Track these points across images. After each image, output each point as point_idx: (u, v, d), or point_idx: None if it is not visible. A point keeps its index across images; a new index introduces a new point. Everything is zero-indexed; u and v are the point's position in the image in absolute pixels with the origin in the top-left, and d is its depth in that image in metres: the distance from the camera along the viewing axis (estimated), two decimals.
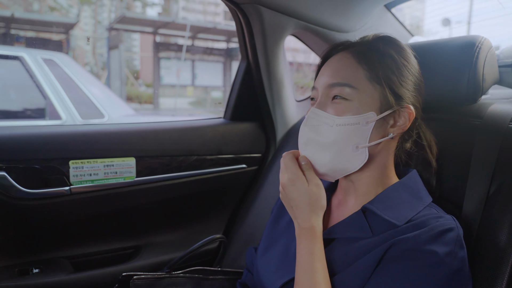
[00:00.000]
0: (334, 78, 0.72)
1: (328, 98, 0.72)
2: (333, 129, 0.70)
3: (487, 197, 0.76)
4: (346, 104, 0.70)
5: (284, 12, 1.29)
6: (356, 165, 0.72)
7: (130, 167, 1.25)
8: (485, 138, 0.81)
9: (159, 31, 9.09)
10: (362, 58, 0.72)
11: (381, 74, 0.71)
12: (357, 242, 0.69)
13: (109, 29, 9.56)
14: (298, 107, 1.59)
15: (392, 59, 0.73)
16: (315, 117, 0.72)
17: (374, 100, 0.70)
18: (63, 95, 2.81)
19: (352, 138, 0.70)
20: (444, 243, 0.61)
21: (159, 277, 0.97)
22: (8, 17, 6.10)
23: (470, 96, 0.86)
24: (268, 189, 1.40)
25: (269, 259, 0.83)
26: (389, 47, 0.74)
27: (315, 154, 0.73)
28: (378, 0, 1.32)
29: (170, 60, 8.97)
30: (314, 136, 0.72)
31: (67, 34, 7.73)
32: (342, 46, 0.78)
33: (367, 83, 0.71)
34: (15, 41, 5.92)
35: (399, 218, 0.68)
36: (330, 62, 0.76)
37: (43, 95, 2.78)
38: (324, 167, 0.73)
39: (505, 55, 1.03)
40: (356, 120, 0.69)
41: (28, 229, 1.18)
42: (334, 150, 0.71)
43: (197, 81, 9.14)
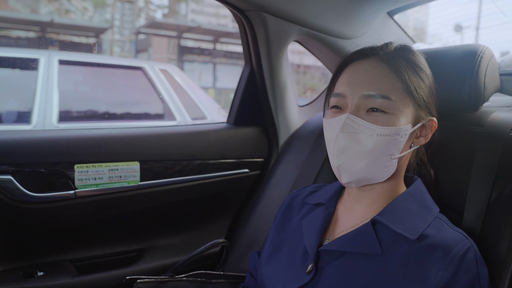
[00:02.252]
0: (371, 89, 0.69)
1: (363, 108, 0.70)
2: (372, 139, 0.68)
3: (488, 205, 0.77)
4: (386, 117, 0.69)
5: (288, 19, 1.30)
6: (384, 176, 0.72)
7: (134, 171, 1.26)
8: (486, 146, 0.81)
9: (183, 35, 9.22)
10: (395, 68, 0.71)
11: (415, 86, 0.71)
12: (370, 261, 0.67)
13: (136, 33, 9.75)
14: (300, 112, 1.60)
15: (420, 70, 0.73)
16: (353, 124, 0.69)
17: (410, 113, 0.71)
18: (176, 100, 3.15)
19: (389, 148, 0.70)
20: (468, 269, 0.62)
21: (162, 280, 0.98)
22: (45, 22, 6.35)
23: (471, 104, 0.87)
24: (271, 193, 1.40)
25: (275, 266, 0.82)
26: (414, 57, 0.74)
27: (349, 161, 0.70)
28: (380, 8, 1.33)
29: (193, 63, 9.08)
30: (350, 145, 0.69)
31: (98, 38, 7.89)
32: (367, 52, 0.75)
33: (403, 95, 0.70)
34: (50, 44, 6.10)
35: (411, 231, 0.67)
36: (360, 69, 0.73)
37: (162, 100, 3.16)
38: (354, 175, 0.71)
39: (506, 63, 1.04)
40: (396, 132, 0.69)
41: (33, 232, 1.19)
42: (370, 159, 0.69)
43: (218, 83, 9.24)
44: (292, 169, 1.34)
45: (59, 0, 12.30)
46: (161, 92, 3.13)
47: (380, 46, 0.76)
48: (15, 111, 2.69)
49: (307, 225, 0.82)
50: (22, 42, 6.22)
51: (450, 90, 0.88)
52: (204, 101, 3.43)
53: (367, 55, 0.74)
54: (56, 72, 2.69)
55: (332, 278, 0.69)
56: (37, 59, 2.69)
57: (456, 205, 0.83)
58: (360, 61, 0.74)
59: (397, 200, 0.73)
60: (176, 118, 3.08)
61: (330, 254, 0.72)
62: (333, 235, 0.78)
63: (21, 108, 2.68)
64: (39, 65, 2.67)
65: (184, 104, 3.16)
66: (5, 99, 2.75)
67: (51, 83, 2.64)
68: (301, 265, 0.76)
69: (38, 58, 2.69)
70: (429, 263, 0.62)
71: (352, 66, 0.75)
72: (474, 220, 0.78)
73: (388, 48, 0.75)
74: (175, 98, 3.15)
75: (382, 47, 0.75)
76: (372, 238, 0.69)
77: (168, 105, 3.12)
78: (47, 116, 2.52)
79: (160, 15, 18.13)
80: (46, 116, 2.51)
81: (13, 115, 2.67)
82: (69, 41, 7.72)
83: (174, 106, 3.12)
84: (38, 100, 2.56)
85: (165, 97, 3.13)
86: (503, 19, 1.40)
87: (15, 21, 6.27)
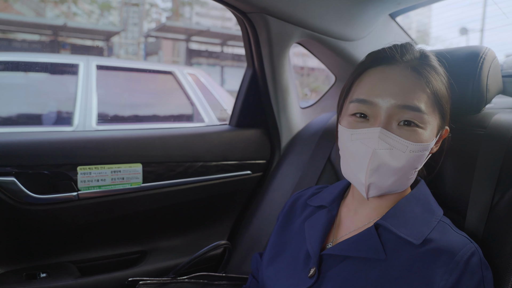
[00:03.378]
0: (405, 100, 0.66)
1: (395, 120, 0.67)
2: (405, 155, 0.66)
3: (491, 206, 0.76)
4: (419, 132, 0.66)
5: (290, 21, 1.31)
6: (405, 187, 0.71)
7: (137, 173, 1.26)
8: (489, 148, 0.81)
9: (192, 38, 9.30)
10: (426, 79, 0.68)
11: (441, 98, 0.70)
12: (373, 265, 0.66)
13: (146, 36, 9.89)
14: (302, 114, 1.60)
15: (442, 77, 0.72)
16: (387, 140, 0.65)
17: (436, 125, 0.70)
18: (204, 102, 3.30)
19: (417, 163, 0.68)
20: (472, 273, 0.61)
21: (164, 282, 0.98)
22: (58, 26, 6.52)
23: (474, 106, 0.87)
24: (273, 195, 1.40)
25: (277, 269, 0.81)
26: (436, 64, 0.72)
27: (381, 179, 0.67)
28: (382, 9, 1.33)
29: (201, 66, 9.16)
30: (385, 161, 0.66)
31: (109, 42, 8.02)
32: (393, 56, 0.70)
33: (432, 107, 0.68)
34: (61, 47, 6.22)
35: (415, 236, 0.66)
36: (391, 76, 0.68)
37: (191, 102, 3.30)
38: (382, 190, 0.69)
39: (508, 65, 1.04)
40: (426, 147, 0.68)
41: (36, 233, 1.19)
42: (399, 175, 0.67)
43: (226, 85, 9.29)
44: (294, 171, 1.34)
45: (67, 3, 12.46)
46: (190, 95, 3.28)
47: (404, 51, 0.71)
48: (57, 113, 2.83)
49: (309, 228, 0.81)
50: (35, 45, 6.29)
51: (453, 92, 0.87)
52: (229, 103, 3.54)
53: (395, 60, 0.70)
54: (95, 76, 2.82)
55: (335, 283, 0.69)
56: (77, 64, 2.82)
57: (459, 207, 0.83)
58: (388, 66, 0.69)
59: (401, 203, 0.72)
60: (204, 120, 3.22)
61: (333, 258, 0.72)
62: (336, 239, 0.77)
63: (63, 110, 2.82)
64: (79, 70, 2.80)
65: (212, 106, 3.30)
66: (49, 102, 2.88)
67: (90, 87, 2.77)
68: (303, 268, 0.75)
69: (78, 63, 2.82)
70: (434, 267, 0.62)
71: (378, 71, 0.70)
72: (476, 222, 0.77)
73: (414, 53, 0.71)
74: (203, 100, 3.29)
75: (408, 51, 0.71)
76: (376, 243, 0.68)
77: (196, 107, 3.26)
78: (87, 118, 2.65)
79: (164, 18, 18.26)
80: (86, 118, 2.64)
81: (56, 118, 2.81)
82: (80, 45, 7.86)
83: (202, 108, 3.26)
84: (79, 103, 2.68)
85: (194, 99, 3.27)
86: (507, 21, 1.39)
87: (28, 25, 6.40)
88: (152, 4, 18.72)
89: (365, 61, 0.74)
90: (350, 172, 0.72)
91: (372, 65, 0.72)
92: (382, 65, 0.70)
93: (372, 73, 0.71)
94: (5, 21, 6.71)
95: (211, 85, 3.52)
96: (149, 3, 17.69)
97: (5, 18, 7.33)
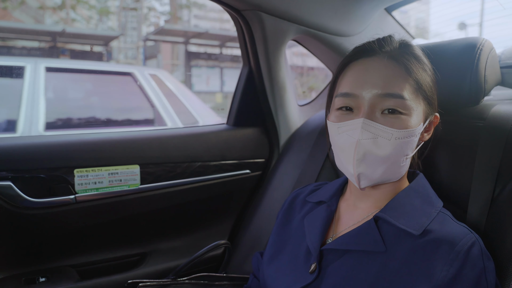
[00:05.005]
0: (385, 88, 0.67)
1: (378, 109, 0.68)
2: (391, 143, 0.66)
3: (492, 199, 0.76)
4: (402, 118, 0.67)
5: (285, 17, 1.30)
6: (399, 175, 0.72)
7: (135, 174, 1.25)
8: (489, 140, 0.80)
9: (191, 40, 9.36)
10: (406, 66, 0.69)
11: (423, 83, 0.70)
12: (373, 258, 0.66)
13: (144, 39, 9.98)
14: (300, 111, 1.59)
15: (426, 65, 0.72)
16: (371, 130, 0.66)
17: (421, 111, 0.70)
18: (167, 105, 3.11)
19: (405, 149, 0.69)
20: (473, 264, 0.61)
21: (164, 284, 0.97)
22: (56, 32, 6.56)
23: (472, 98, 0.86)
24: (272, 193, 1.40)
25: (277, 266, 0.81)
26: (419, 53, 0.73)
27: (369, 168, 0.68)
28: (378, 4, 1.32)
29: (201, 68, 9.23)
30: (371, 151, 0.67)
31: (108, 46, 8.08)
32: (372, 49, 0.72)
33: (415, 94, 0.69)
34: (61, 53, 6.25)
35: (415, 227, 0.65)
36: (370, 67, 0.70)
37: (152, 105, 3.12)
38: (373, 180, 0.70)
39: (506, 56, 1.03)
40: (412, 133, 0.68)
41: (34, 238, 1.19)
42: (389, 163, 0.68)
43: (225, 87, 9.35)
44: (294, 169, 1.34)
45: (65, 9, 12.54)
46: (150, 97, 3.09)
47: (384, 42, 0.72)
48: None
49: (309, 224, 0.81)
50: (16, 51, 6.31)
51: (451, 84, 0.87)
52: (197, 106, 3.38)
53: (374, 52, 0.71)
54: (43, 79, 2.66)
55: (336, 277, 0.68)
56: (23, 67, 2.66)
57: (460, 200, 0.82)
58: (368, 59, 0.71)
59: (400, 196, 0.72)
60: (166, 124, 3.05)
61: (333, 253, 0.71)
62: (336, 234, 0.77)
63: (6, 116, 2.63)
64: (25, 72, 2.64)
65: (175, 109, 3.13)
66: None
67: (37, 91, 2.61)
68: (304, 264, 0.75)
69: (24, 65, 2.66)
70: (434, 258, 0.61)
71: (359, 64, 0.72)
72: (478, 215, 0.76)
73: (393, 43, 0.72)
74: (165, 103, 3.11)
75: (387, 42, 0.72)
76: (375, 236, 0.68)
77: (158, 111, 3.09)
78: (33, 124, 2.48)
79: (162, 22, 18.35)
80: (32, 124, 2.48)
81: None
82: (79, 50, 7.92)
83: (165, 112, 3.08)
84: (24, 108, 2.53)
85: (155, 102, 3.09)
86: (505, 13, 1.38)
87: (27, 32, 6.44)
88: (150, 8, 18.80)
89: (347, 56, 0.75)
90: (342, 165, 0.73)
91: (353, 58, 0.73)
92: (363, 57, 0.72)
93: (353, 66, 0.72)
94: (5, 29, 6.76)
95: (175, 87, 3.34)
96: (147, 7, 17.76)
97: (4, 26, 7.38)
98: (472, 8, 2.80)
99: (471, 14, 2.79)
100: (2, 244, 1.16)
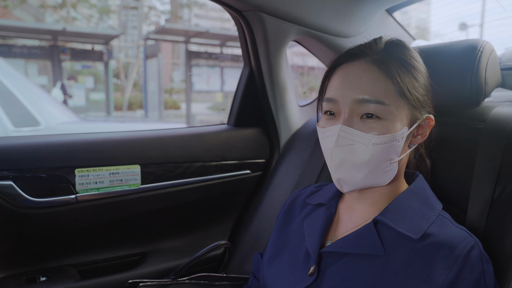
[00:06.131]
0: (363, 93, 0.66)
1: (356, 114, 0.67)
2: (368, 149, 0.66)
3: (492, 201, 0.76)
4: (381, 123, 0.66)
5: (286, 18, 1.30)
6: (386, 180, 0.71)
7: (135, 174, 1.26)
8: (489, 141, 0.80)
9: (191, 40, 9.35)
10: (387, 70, 0.68)
11: (408, 87, 0.68)
12: (372, 261, 0.66)
13: (145, 38, 10.00)
14: (301, 112, 1.59)
15: (414, 68, 0.70)
16: (347, 136, 0.67)
17: (404, 115, 0.69)
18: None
19: (387, 155, 0.68)
20: (472, 267, 0.61)
21: (165, 283, 0.97)
22: (57, 31, 6.55)
23: (472, 99, 0.86)
24: (273, 194, 1.40)
25: (277, 268, 0.81)
26: (406, 54, 0.71)
27: (349, 174, 0.69)
28: (379, 5, 1.32)
29: (201, 67, 9.23)
30: (348, 157, 0.67)
31: (108, 45, 8.09)
32: (357, 53, 0.72)
33: (397, 98, 0.68)
34: (61, 52, 6.24)
35: (414, 231, 0.65)
36: (351, 72, 0.70)
37: None
38: (355, 185, 0.70)
39: (507, 58, 1.03)
40: (392, 138, 0.67)
41: (35, 237, 1.19)
42: (369, 169, 0.68)
43: (226, 87, 9.35)
44: (294, 169, 1.34)
45: (66, 8, 12.53)
46: None
47: (370, 45, 0.72)
48: None
49: (308, 227, 0.81)
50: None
51: (451, 86, 0.87)
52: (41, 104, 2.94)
53: (356, 57, 0.71)
54: None
55: (335, 280, 0.68)
56: None
57: (460, 202, 0.82)
58: (350, 63, 0.71)
59: (399, 199, 0.72)
60: None
61: (332, 255, 0.72)
62: (335, 236, 0.77)
63: None
64: None
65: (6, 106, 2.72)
66: None
67: None
68: (303, 267, 0.75)
69: None
70: (433, 262, 0.61)
71: (342, 69, 0.71)
72: (478, 216, 0.77)
73: (378, 46, 0.71)
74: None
75: (372, 46, 0.71)
76: (375, 239, 0.68)
77: None
78: None
79: (163, 21, 18.32)
80: None
81: None
82: (80, 49, 7.91)
83: None
84: None
85: None
86: (508, 18, 1.38)
87: (28, 31, 6.41)
88: (151, 7, 18.80)
89: (334, 59, 0.75)
90: (330, 170, 0.73)
91: (338, 63, 0.73)
92: (347, 62, 0.72)
93: (338, 70, 0.72)
94: (5, 27, 6.76)
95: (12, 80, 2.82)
96: (148, 6, 17.76)
97: (5, 24, 7.37)
98: (473, 9, 2.81)
99: (472, 15, 2.80)
100: (3, 243, 1.16)
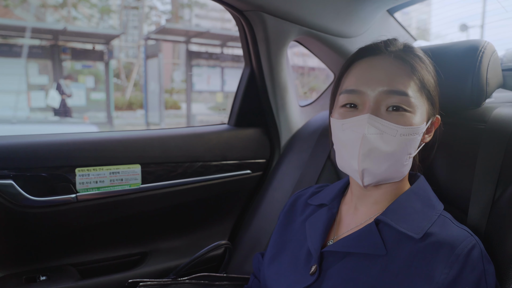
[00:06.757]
0: (390, 85, 0.68)
1: (383, 106, 0.69)
2: (396, 139, 0.67)
3: (493, 202, 0.76)
4: (407, 116, 0.68)
5: (287, 18, 1.30)
6: (401, 175, 0.72)
7: (136, 174, 1.26)
8: (490, 142, 0.80)
9: (192, 40, 9.37)
10: (411, 66, 0.70)
11: (428, 84, 0.71)
12: (374, 261, 0.67)
13: (146, 38, 10.02)
14: (302, 112, 1.59)
15: (429, 67, 0.74)
16: (376, 125, 0.67)
17: (424, 110, 0.71)
18: None
19: (409, 147, 0.69)
20: (473, 266, 0.61)
21: (165, 283, 0.98)
22: (58, 30, 6.56)
23: (474, 100, 0.86)
24: (273, 194, 1.40)
25: (278, 267, 0.82)
26: (422, 54, 0.74)
27: (374, 164, 0.68)
28: (380, 5, 1.32)
29: (201, 67, 9.26)
30: (377, 146, 0.67)
31: (109, 45, 8.11)
32: (379, 48, 0.73)
33: (420, 94, 0.70)
34: (62, 52, 6.24)
35: (416, 230, 0.66)
36: (376, 65, 0.71)
37: None
38: (377, 176, 0.70)
39: (508, 58, 1.03)
40: (416, 131, 0.69)
41: (35, 236, 1.19)
42: (393, 160, 0.69)
43: (226, 87, 9.37)
44: (295, 170, 1.34)
45: (66, 7, 12.54)
46: None
47: (390, 43, 0.74)
48: None
49: (310, 227, 0.81)
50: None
51: (452, 87, 0.87)
52: None
53: (380, 51, 0.72)
54: None
55: (336, 279, 0.69)
56: None
57: (461, 203, 0.82)
58: (373, 57, 0.72)
59: (401, 199, 0.72)
60: None
61: (334, 255, 0.72)
62: (337, 236, 0.77)
63: None
64: None
65: None
66: None
67: None
68: (305, 266, 0.75)
69: None
70: (434, 261, 0.62)
71: (364, 62, 0.73)
72: (479, 217, 0.77)
73: (398, 45, 0.74)
74: None
75: (392, 43, 0.74)
76: (376, 239, 0.68)
77: None
78: None
79: (164, 21, 18.33)
80: None
81: None
82: (81, 49, 7.92)
83: None
84: None
85: None
86: (509, 18, 1.38)
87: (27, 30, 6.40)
88: (152, 7, 18.82)
89: (353, 54, 0.76)
90: (344, 162, 0.73)
91: (358, 57, 0.74)
92: (369, 56, 0.73)
93: (359, 64, 0.73)
94: (6, 27, 6.76)
95: None
96: (148, 6, 17.78)
97: (6, 24, 7.37)
98: (474, 10, 2.81)
99: (473, 16, 2.80)
100: (3, 243, 1.16)
